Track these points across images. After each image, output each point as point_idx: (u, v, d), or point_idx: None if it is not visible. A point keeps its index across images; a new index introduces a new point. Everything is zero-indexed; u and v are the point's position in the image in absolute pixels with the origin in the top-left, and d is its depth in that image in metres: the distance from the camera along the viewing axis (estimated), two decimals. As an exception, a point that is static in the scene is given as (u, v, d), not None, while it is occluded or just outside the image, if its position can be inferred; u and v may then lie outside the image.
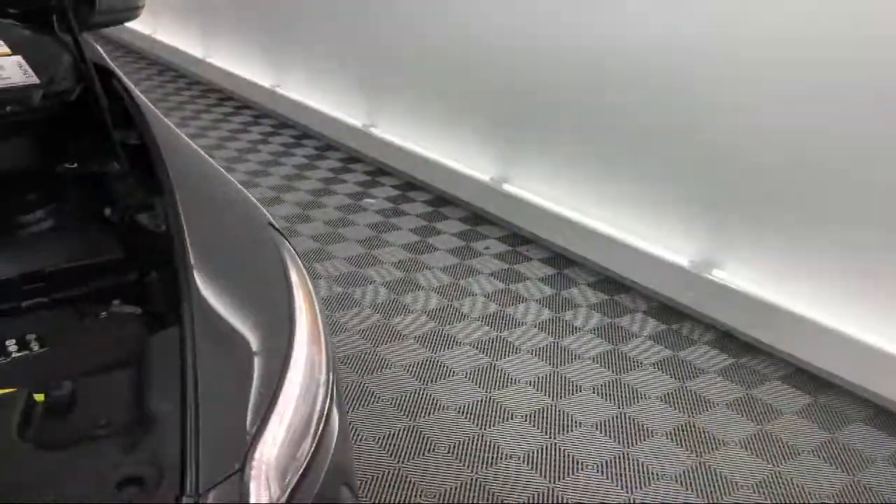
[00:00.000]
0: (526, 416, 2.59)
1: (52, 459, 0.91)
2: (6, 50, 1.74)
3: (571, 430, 2.53)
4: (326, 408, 1.11)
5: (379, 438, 2.44)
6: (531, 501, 2.22)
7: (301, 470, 1.01)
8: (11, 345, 1.19)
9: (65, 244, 1.43)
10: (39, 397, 0.99)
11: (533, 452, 2.42)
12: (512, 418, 2.58)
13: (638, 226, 3.40)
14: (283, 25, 5.36)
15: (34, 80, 1.71)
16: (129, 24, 6.12)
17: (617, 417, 2.61)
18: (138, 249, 1.40)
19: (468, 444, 2.44)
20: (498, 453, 2.41)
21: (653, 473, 2.35)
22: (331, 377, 1.17)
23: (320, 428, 1.08)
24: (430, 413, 2.57)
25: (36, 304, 1.31)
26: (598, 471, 2.35)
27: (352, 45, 4.77)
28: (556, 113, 3.63)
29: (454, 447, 2.43)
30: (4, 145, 1.54)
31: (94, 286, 1.35)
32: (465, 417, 2.57)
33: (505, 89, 3.84)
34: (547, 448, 2.44)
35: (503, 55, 3.79)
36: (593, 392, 2.73)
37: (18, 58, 1.74)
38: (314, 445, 1.05)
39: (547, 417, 2.59)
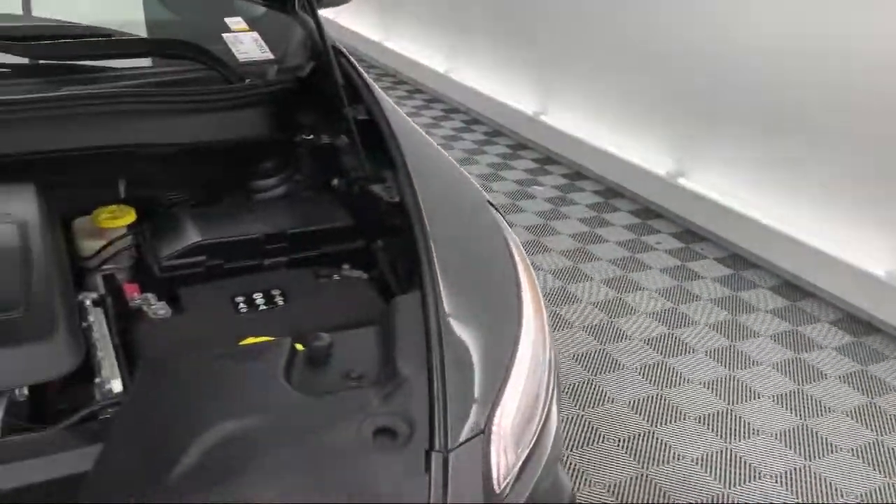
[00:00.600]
0: (699, 417, 2.52)
1: (313, 404, 0.98)
2: (245, 26, 1.89)
3: (748, 437, 2.44)
4: (552, 385, 1.14)
5: (549, 423, 2.45)
6: (706, 503, 2.16)
7: (533, 441, 1.04)
8: (259, 298, 1.30)
9: (300, 210, 1.53)
10: (299, 346, 1.08)
11: (707, 455, 2.36)
12: (684, 419, 2.52)
13: (827, 228, 3.21)
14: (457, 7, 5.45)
15: (269, 55, 1.85)
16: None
17: (798, 429, 2.49)
18: (366, 218, 1.48)
19: (638, 439, 2.41)
20: (669, 452, 2.37)
21: (837, 490, 2.23)
22: (551, 356, 1.19)
23: (549, 403, 1.10)
24: (598, 404, 2.56)
25: (276, 263, 1.42)
26: (776, 482, 2.26)
27: (526, 31, 4.78)
28: (739, 111, 3.49)
29: (623, 441, 2.40)
30: (243, 115, 1.67)
31: (327, 250, 1.44)
32: (635, 412, 2.53)
33: (685, 85, 3.73)
34: (722, 453, 2.37)
35: (684, 51, 3.68)
36: (773, 400, 2.62)
37: (255, 34, 1.88)
38: (543, 419, 1.08)
39: (722, 421, 2.51)
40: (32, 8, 2.09)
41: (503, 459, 0.98)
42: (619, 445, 2.38)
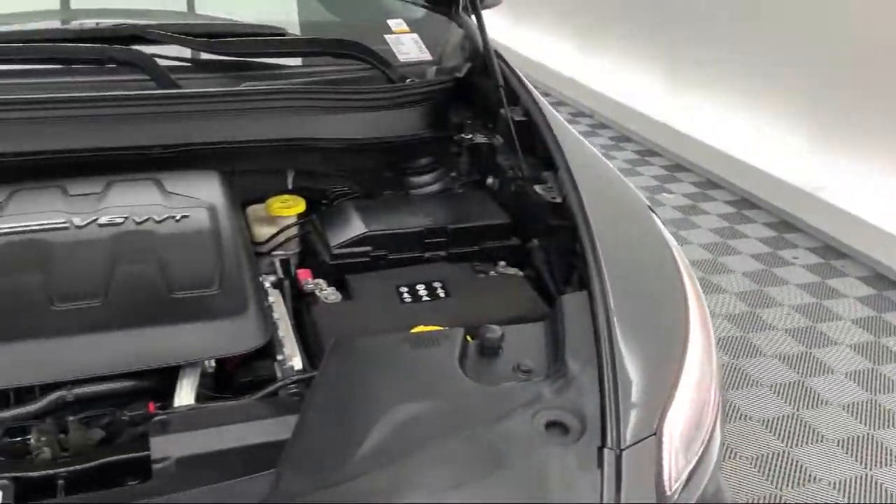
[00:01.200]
0: (838, 441, 2.42)
1: (487, 393, 1.02)
2: (405, 28, 1.96)
3: (892, 465, 2.32)
4: (717, 394, 1.13)
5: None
6: (847, 531, 2.08)
7: (702, 448, 1.04)
8: (421, 289, 1.35)
9: (459, 206, 1.58)
10: (470, 337, 1.12)
11: (845, 481, 2.26)
12: (822, 441, 2.42)
13: None
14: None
15: (428, 56, 1.91)
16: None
17: (949, 461, 2.35)
18: (522, 217, 1.51)
19: (772, 458, 2.34)
20: (805, 474, 2.28)
21: None
22: (716, 365, 1.18)
23: (716, 412, 1.10)
24: (730, 420, 2.49)
25: (435, 257, 1.47)
26: (924, 515, 2.14)
27: (657, 30, 4.69)
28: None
29: (756, 459, 2.33)
30: (403, 114, 1.73)
31: (485, 246, 1.48)
32: (770, 431, 2.46)
33: (830, 90, 3.57)
34: (862, 479, 2.27)
35: (829, 54, 3.52)
36: (921, 429, 2.48)
37: (416, 35, 1.94)
38: (713, 426, 1.07)
39: (863, 447, 2.40)
40: (196, 7, 2.24)
41: (674, 462, 0.98)
42: (751, 463, 2.32)
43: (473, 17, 1.75)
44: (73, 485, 0.93)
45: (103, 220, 1.28)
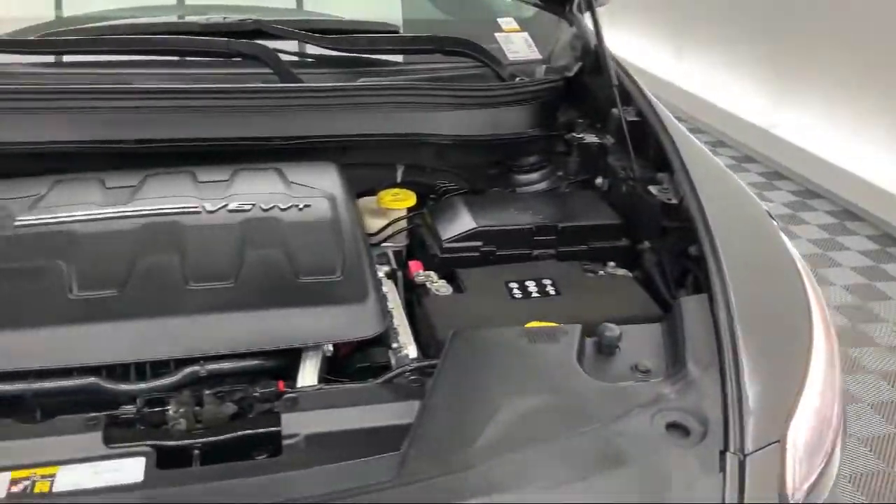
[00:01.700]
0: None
1: (606, 391, 1.02)
2: (516, 27, 1.97)
3: None
4: (840, 404, 1.10)
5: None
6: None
7: (825, 459, 1.02)
8: (531, 285, 1.36)
9: (568, 205, 1.58)
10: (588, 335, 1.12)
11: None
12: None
13: None
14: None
15: (537, 55, 1.92)
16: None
17: None
18: (632, 218, 1.50)
19: (870, 477, 2.26)
20: (907, 496, 2.19)
21: None
22: (839, 376, 1.15)
23: (840, 422, 1.07)
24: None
25: (544, 255, 1.48)
26: None
27: (758, 35, 4.56)
28: None
29: (854, 477, 2.26)
30: (513, 112, 1.75)
31: (594, 246, 1.48)
32: (869, 449, 2.37)
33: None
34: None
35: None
36: None
37: (525, 34, 1.95)
38: (835, 438, 1.05)
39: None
40: (305, 4, 2.31)
41: (797, 471, 0.97)
42: (849, 481, 2.24)
43: (587, 15, 1.76)
44: (207, 455, 0.98)
45: (232, 206, 1.34)
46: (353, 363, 1.22)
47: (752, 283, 1.18)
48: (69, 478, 0.89)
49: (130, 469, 0.91)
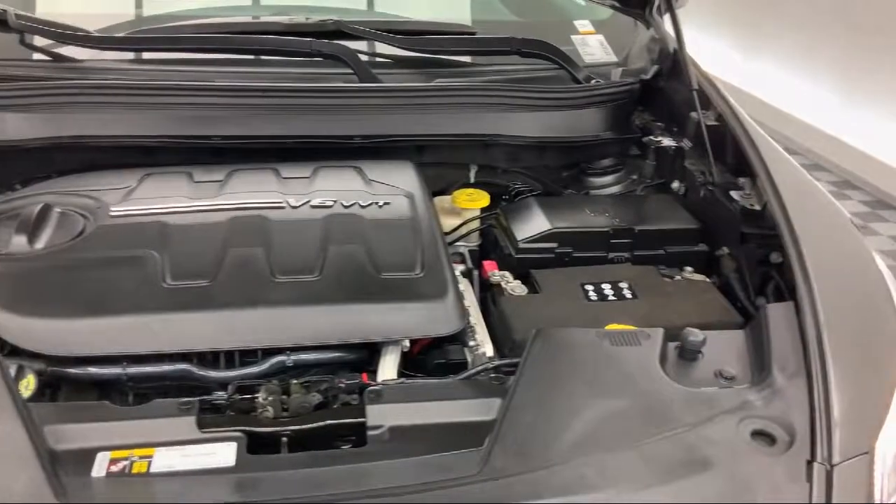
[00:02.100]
0: None
1: (690, 396, 1.02)
2: (591, 29, 1.97)
3: None
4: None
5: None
6: None
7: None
8: (607, 288, 1.36)
9: (644, 208, 1.58)
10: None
11: None
12: None
13: None
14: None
15: (613, 58, 1.92)
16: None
17: None
18: (711, 223, 1.48)
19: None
20: None
21: None
22: None
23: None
24: None
25: (619, 258, 1.47)
26: None
27: (829, 36, 4.43)
28: None
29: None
30: (588, 115, 1.75)
31: (671, 250, 1.47)
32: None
33: None
34: None
35: None
36: None
37: (601, 37, 1.95)
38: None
39: None
40: (375, 4, 2.34)
41: (886, 484, 0.95)
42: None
43: (666, 18, 1.74)
44: (293, 442, 1.01)
45: (315, 202, 1.38)
46: (429, 359, 1.24)
47: (839, 291, 1.16)
48: (165, 459, 0.93)
49: (223, 453, 0.94)
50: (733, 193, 1.42)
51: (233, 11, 2.14)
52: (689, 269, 1.44)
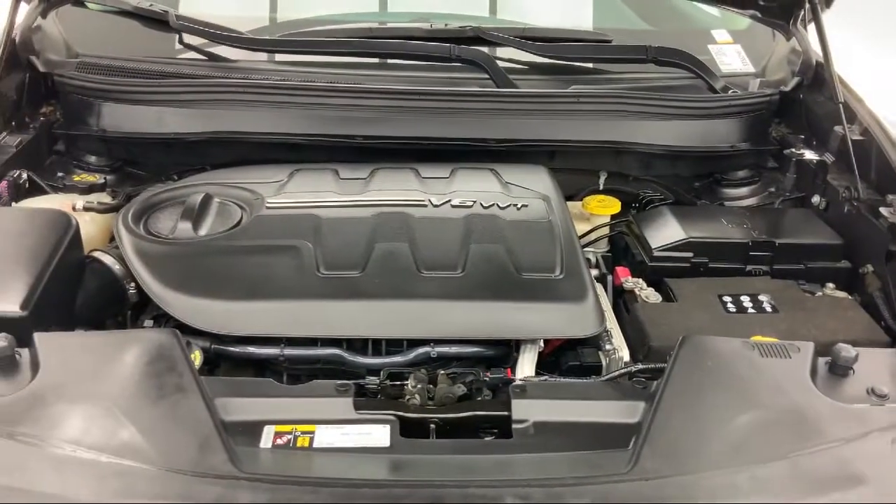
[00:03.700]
0: None
1: (841, 411, 0.99)
2: (729, 39, 1.95)
3: None
4: None
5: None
6: None
7: None
8: (746, 300, 1.34)
9: (783, 221, 1.55)
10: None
11: None
12: None
13: None
14: None
15: (751, 68, 1.89)
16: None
17: None
18: (855, 239, 1.45)
19: None
20: None
21: None
22: None
23: None
24: None
25: (757, 270, 1.45)
26: None
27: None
28: None
29: None
30: (724, 125, 1.73)
31: (811, 266, 1.44)
32: None
33: None
34: None
35: None
36: None
37: (738, 46, 1.93)
38: None
39: None
40: (498, 10, 2.36)
41: None
42: None
43: (810, 29, 1.71)
44: (440, 430, 1.05)
45: (455, 201, 1.42)
46: (563, 361, 1.26)
47: None
48: (326, 436, 0.98)
49: (378, 434, 0.99)
50: (883, 210, 1.38)
51: (362, 17, 2.22)
52: (830, 285, 1.41)
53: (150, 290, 1.21)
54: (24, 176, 1.53)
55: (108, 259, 1.30)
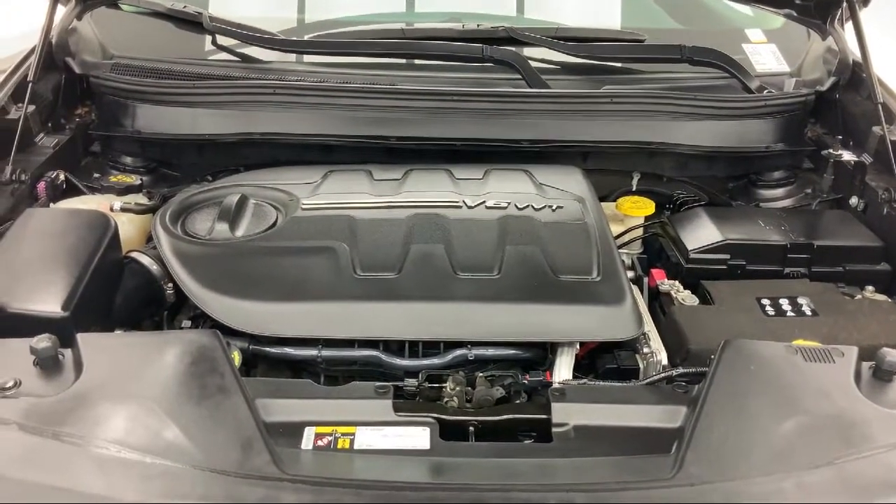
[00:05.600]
0: None
1: (884, 416, 0.97)
2: (763, 38, 1.93)
3: None
4: None
5: None
6: None
7: None
8: (785, 304, 1.33)
9: (821, 223, 1.53)
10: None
11: None
12: None
13: None
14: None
15: (786, 67, 1.87)
16: None
17: None
18: (894, 242, 1.43)
19: None
20: None
21: None
22: None
23: None
24: None
25: (795, 273, 1.43)
26: None
27: None
28: None
29: None
30: (759, 125, 1.71)
31: (850, 269, 1.42)
32: None
33: None
34: None
35: None
36: None
37: (773, 46, 1.91)
38: None
39: None
40: (525, 9, 2.35)
41: None
42: None
43: (847, 28, 1.69)
44: (479, 433, 1.04)
45: (490, 203, 1.42)
46: (599, 364, 1.25)
47: None
48: (366, 438, 0.98)
49: (418, 437, 0.98)
50: None
51: (390, 18, 2.21)
52: (870, 288, 1.39)
53: (188, 291, 1.21)
54: (62, 177, 1.55)
55: (145, 260, 1.31)
